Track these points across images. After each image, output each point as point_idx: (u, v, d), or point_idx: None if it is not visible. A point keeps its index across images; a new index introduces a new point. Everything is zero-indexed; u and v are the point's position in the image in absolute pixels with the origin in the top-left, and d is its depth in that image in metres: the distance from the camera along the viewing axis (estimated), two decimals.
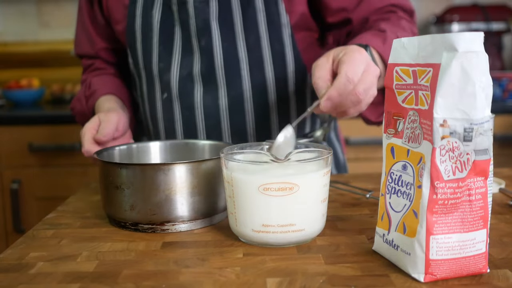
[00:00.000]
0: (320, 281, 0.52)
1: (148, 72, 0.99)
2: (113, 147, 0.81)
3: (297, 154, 0.64)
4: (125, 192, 0.68)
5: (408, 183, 0.54)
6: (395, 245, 0.55)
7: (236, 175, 0.61)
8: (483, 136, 0.50)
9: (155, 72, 0.97)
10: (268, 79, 0.95)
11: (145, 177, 0.67)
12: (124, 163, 0.70)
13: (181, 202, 0.68)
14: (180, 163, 0.67)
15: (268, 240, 0.61)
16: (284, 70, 0.96)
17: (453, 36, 0.48)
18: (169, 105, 0.98)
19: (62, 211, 0.79)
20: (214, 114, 0.96)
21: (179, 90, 0.96)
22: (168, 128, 1.00)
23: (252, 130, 0.98)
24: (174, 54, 0.96)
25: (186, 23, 0.94)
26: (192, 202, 0.69)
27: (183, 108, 0.97)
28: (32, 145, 1.83)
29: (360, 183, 0.89)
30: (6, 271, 0.57)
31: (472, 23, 2.27)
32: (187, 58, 0.95)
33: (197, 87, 0.96)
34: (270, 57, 0.95)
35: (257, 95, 0.96)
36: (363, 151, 1.94)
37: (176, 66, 0.96)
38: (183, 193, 0.68)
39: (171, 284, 0.53)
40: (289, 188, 0.59)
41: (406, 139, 0.54)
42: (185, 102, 0.97)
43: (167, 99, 0.98)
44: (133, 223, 0.69)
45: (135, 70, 1.03)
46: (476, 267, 0.52)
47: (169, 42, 0.96)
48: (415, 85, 0.53)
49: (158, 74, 0.97)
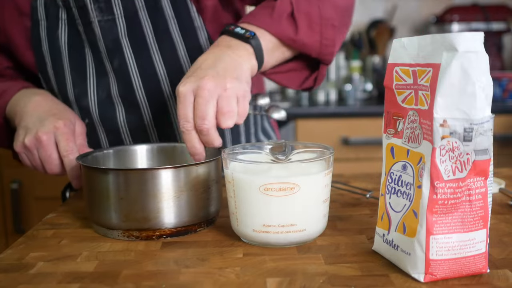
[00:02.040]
0: (320, 281, 0.52)
1: (64, 99, 0.91)
2: (95, 151, 0.78)
3: (299, 155, 0.64)
4: (112, 200, 0.66)
5: (408, 183, 0.54)
6: (395, 245, 0.55)
7: (237, 175, 0.61)
8: (483, 136, 0.50)
9: (72, 98, 0.90)
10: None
11: (133, 183, 0.65)
12: (111, 168, 0.69)
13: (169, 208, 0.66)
14: (167, 168, 0.65)
15: (269, 240, 0.61)
16: None
17: (453, 36, 0.48)
18: (93, 130, 0.92)
19: (62, 211, 0.79)
20: (141, 136, 0.91)
21: (100, 114, 0.90)
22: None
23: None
24: (88, 78, 0.89)
25: (95, 44, 0.87)
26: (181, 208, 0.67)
27: (108, 132, 0.92)
28: None
29: (360, 183, 0.89)
30: (6, 271, 0.57)
31: (472, 23, 2.27)
32: (102, 81, 0.89)
33: (119, 109, 0.90)
34: (189, 65, 0.88)
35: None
36: (363, 151, 1.94)
37: (93, 90, 0.89)
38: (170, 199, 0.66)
39: (171, 284, 0.53)
40: (290, 188, 0.59)
41: (406, 139, 0.54)
42: (109, 126, 0.91)
43: (90, 125, 0.91)
44: (123, 231, 0.66)
45: (51, 93, 0.94)
46: (476, 267, 0.52)
47: (81, 66, 0.89)
48: (415, 85, 0.53)
49: (75, 100, 0.90)
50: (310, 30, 0.82)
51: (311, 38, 0.82)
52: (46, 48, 0.89)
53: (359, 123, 1.95)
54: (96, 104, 0.90)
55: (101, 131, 0.92)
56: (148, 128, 0.92)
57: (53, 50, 0.89)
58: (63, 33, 0.88)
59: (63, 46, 0.89)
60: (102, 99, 0.90)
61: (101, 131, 0.92)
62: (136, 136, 0.91)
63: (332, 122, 1.94)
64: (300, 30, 0.81)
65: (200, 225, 0.69)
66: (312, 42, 0.83)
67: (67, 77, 0.90)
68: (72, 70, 0.89)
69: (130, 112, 0.90)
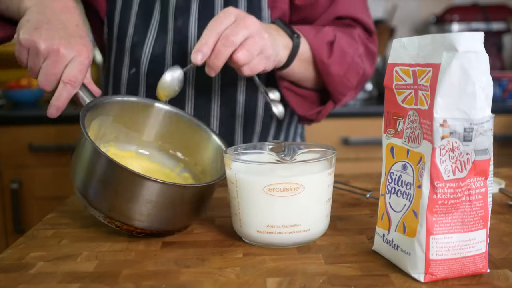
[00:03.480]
0: (320, 281, 0.52)
1: (120, 44, 0.96)
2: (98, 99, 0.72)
3: (302, 155, 0.64)
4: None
5: (408, 183, 0.54)
6: (395, 245, 0.55)
7: (240, 175, 0.61)
8: (483, 136, 0.50)
9: (128, 46, 0.95)
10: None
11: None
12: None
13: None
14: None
15: (273, 240, 0.61)
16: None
17: (453, 36, 0.48)
18: (135, 81, 0.95)
19: (62, 211, 0.79)
20: (179, 98, 0.93)
21: (148, 68, 0.94)
22: None
23: (216, 115, 0.95)
24: (149, 29, 0.94)
25: (167, 0, 0.92)
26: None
27: (149, 87, 0.94)
28: (32, 145, 1.83)
29: (360, 183, 0.89)
30: (6, 271, 0.57)
31: (472, 23, 2.27)
32: (161, 36, 0.93)
33: (166, 68, 0.93)
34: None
35: (227, 86, 0.94)
36: (363, 151, 1.94)
37: (150, 43, 0.93)
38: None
39: (171, 284, 0.53)
40: (295, 188, 0.59)
41: (406, 139, 0.54)
42: (152, 82, 0.92)
43: (134, 75, 0.95)
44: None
45: (107, 41, 0.99)
46: (476, 267, 0.52)
47: (147, 17, 0.93)
48: (415, 85, 0.53)
49: (130, 48, 0.95)
50: (339, 64, 0.90)
51: (337, 70, 0.90)
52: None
53: (359, 123, 1.94)
54: (148, 57, 0.93)
55: (143, 84, 0.95)
56: (187, 92, 0.94)
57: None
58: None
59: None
60: (155, 54, 0.93)
61: (143, 85, 0.95)
62: (174, 98, 0.88)
63: (332, 122, 1.93)
64: (332, 58, 0.89)
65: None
66: (336, 74, 0.90)
67: (130, 25, 0.94)
68: (137, 19, 0.93)
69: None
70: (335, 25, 0.95)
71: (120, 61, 0.97)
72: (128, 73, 0.96)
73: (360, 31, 0.97)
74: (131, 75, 0.95)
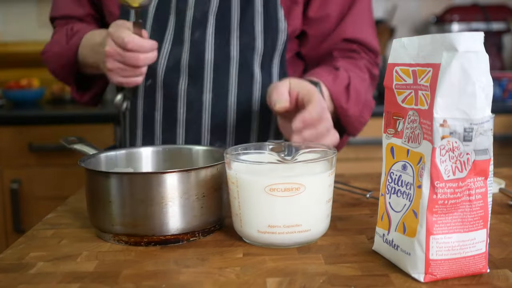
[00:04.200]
0: (320, 281, 0.52)
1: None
2: (99, 153, 0.75)
3: (303, 155, 0.64)
4: (114, 205, 0.64)
5: (408, 183, 0.54)
6: (395, 245, 0.55)
7: (241, 176, 0.61)
8: (483, 136, 0.50)
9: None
10: (255, 82, 0.96)
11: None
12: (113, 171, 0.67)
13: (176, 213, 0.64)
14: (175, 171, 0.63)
15: (274, 240, 0.61)
16: (271, 76, 0.98)
17: (453, 36, 0.48)
18: (152, 92, 0.97)
19: (62, 211, 0.79)
20: (196, 108, 0.96)
21: (164, 78, 0.96)
22: (147, 116, 0.99)
23: (231, 130, 0.97)
24: (164, 42, 0.96)
25: (183, 13, 0.94)
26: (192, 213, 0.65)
27: (166, 98, 0.97)
28: (32, 145, 1.83)
29: (360, 183, 0.89)
30: (6, 271, 0.57)
31: (472, 23, 2.27)
32: (176, 48, 0.95)
33: (183, 78, 0.95)
34: (260, 61, 0.96)
35: (242, 96, 0.96)
36: (363, 151, 1.94)
37: (165, 55, 0.96)
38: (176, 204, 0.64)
39: (171, 284, 0.53)
40: (296, 188, 0.59)
41: (406, 139, 0.54)
42: (169, 92, 0.96)
43: (151, 87, 0.97)
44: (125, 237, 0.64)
45: None
46: (476, 267, 0.52)
47: (162, 30, 0.96)
48: (415, 85, 0.53)
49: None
50: (355, 105, 0.96)
51: (354, 112, 0.96)
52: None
53: None
54: (164, 68, 0.96)
55: (160, 95, 0.97)
56: (204, 103, 0.96)
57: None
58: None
59: (151, 8, 0.96)
60: (171, 65, 0.95)
61: (160, 95, 0.97)
62: (190, 106, 0.96)
63: None
64: (350, 102, 0.94)
65: (193, 235, 0.65)
66: (353, 115, 0.96)
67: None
68: (153, 31, 0.96)
69: (193, 85, 0.95)
70: (342, 49, 1.00)
71: None
72: (144, 85, 0.98)
73: (365, 57, 1.02)
74: (148, 87, 0.97)
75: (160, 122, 0.98)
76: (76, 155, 0.75)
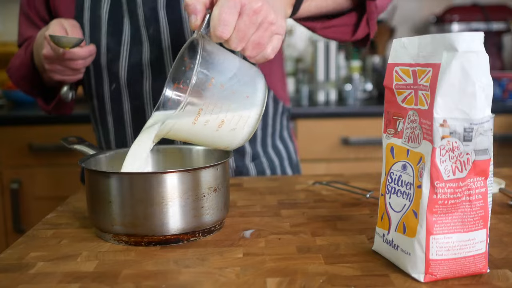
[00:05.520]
0: (320, 281, 0.52)
1: (96, 64, 0.98)
2: (98, 154, 0.75)
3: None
4: (114, 205, 0.64)
5: (408, 183, 0.54)
6: (395, 245, 0.55)
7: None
8: (483, 136, 0.50)
9: (103, 63, 0.97)
10: None
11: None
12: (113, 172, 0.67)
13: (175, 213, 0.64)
14: (176, 171, 0.63)
15: None
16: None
17: (453, 36, 0.48)
18: (118, 95, 0.98)
19: (62, 211, 0.79)
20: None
21: (127, 79, 0.96)
22: (117, 118, 0.99)
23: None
24: (122, 44, 0.96)
25: (135, 12, 0.94)
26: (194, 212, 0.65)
27: (132, 98, 0.97)
28: (32, 145, 1.83)
29: (360, 183, 0.89)
30: (6, 271, 0.57)
31: (472, 23, 2.27)
32: (136, 48, 0.95)
33: (146, 76, 0.96)
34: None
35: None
36: (363, 151, 1.94)
37: (125, 56, 0.96)
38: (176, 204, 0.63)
39: (171, 284, 0.53)
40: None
41: (406, 139, 0.54)
42: (134, 91, 0.97)
43: (116, 90, 0.98)
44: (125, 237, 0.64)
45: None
46: (476, 267, 0.52)
47: (118, 33, 0.96)
48: (415, 85, 0.53)
49: (106, 65, 0.97)
50: None
51: None
52: (88, 17, 0.97)
53: (359, 123, 1.95)
54: (126, 69, 0.96)
55: (126, 96, 0.98)
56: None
57: (93, 18, 0.96)
58: (106, 3, 0.96)
59: (103, 14, 0.96)
60: (132, 65, 0.96)
61: (126, 96, 0.98)
62: (157, 102, 0.94)
63: (332, 122, 1.94)
64: None
65: (193, 235, 0.65)
66: None
67: (102, 43, 0.96)
68: (109, 36, 0.96)
69: (156, 80, 0.95)
70: None
71: (99, 80, 0.99)
72: (109, 90, 0.98)
73: None
74: (113, 91, 0.98)
75: (130, 123, 0.99)
76: (76, 155, 0.75)
